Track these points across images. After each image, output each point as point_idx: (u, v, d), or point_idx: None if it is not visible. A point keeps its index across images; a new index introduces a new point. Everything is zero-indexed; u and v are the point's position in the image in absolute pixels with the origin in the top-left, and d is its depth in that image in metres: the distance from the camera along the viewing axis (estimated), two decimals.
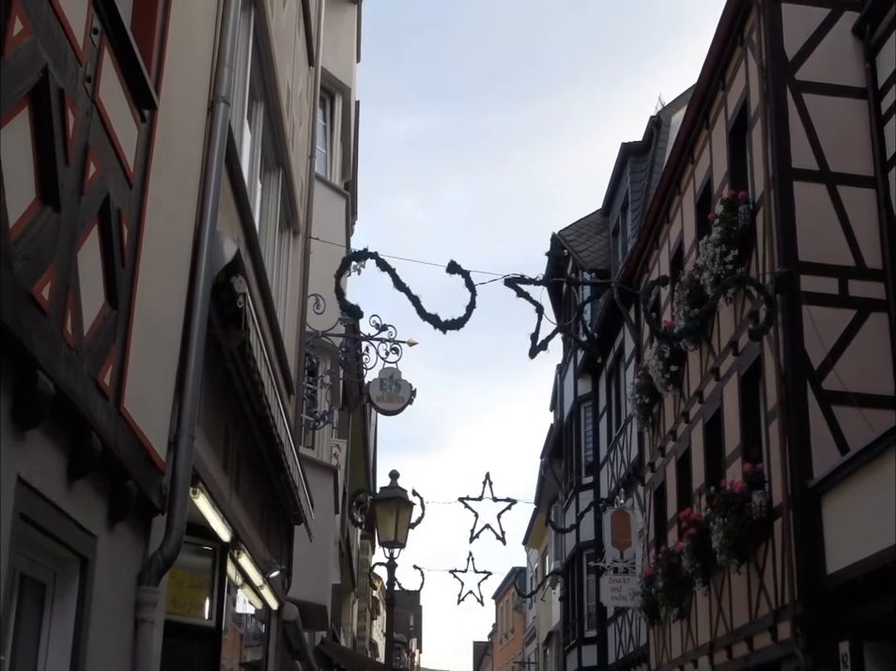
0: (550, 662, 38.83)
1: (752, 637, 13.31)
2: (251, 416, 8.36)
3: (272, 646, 11.88)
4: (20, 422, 3.81)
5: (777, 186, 12.78)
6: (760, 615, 12.98)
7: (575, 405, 27.74)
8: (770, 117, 13.12)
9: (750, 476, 12.90)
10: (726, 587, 14.38)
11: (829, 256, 12.56)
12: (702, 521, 14.37)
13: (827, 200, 12.74)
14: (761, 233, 13.27)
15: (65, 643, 4.66)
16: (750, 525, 12.72)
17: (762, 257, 13.17)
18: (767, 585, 12.70)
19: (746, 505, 12.76)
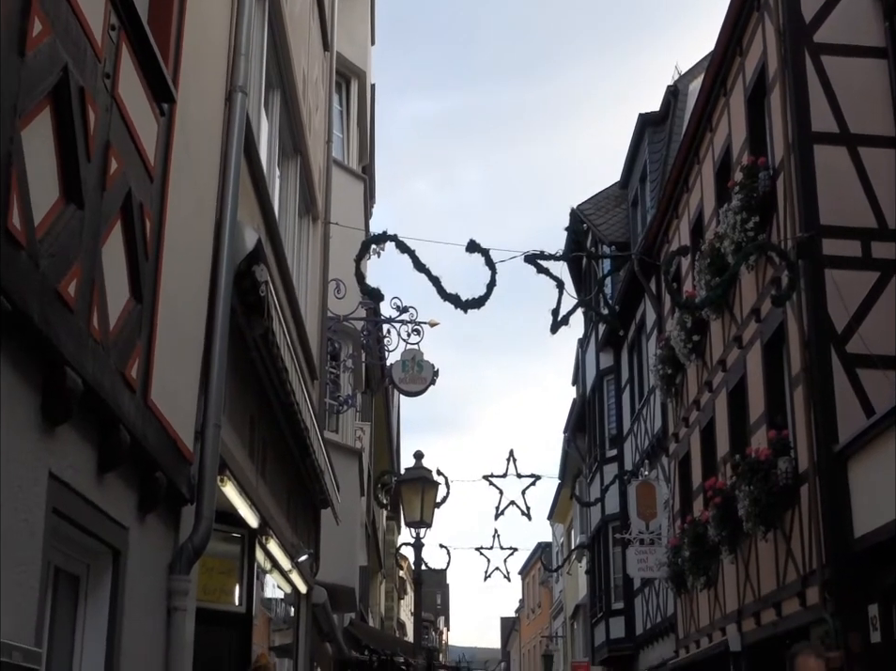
0: (578, 635, 38.99)
1: (781, 603, 13.31)
2: (275, 403, 8.40)
3: (302, 629, 11.96)
4: (49, 418, 3.85)
5: (797, 150, 12.68)
6: (788, 581, 12.98)
7: (597, 379, 27.71)
8: (789, 80, 13.00)
9: (776, 443, 12.87)
10: (753, 555, 14.38)
11: (851, 218, 12.45)
12: (728, 489, 14.37)
13: (848, 162, 12.62)
14: (781, 199, 13.18)
15: (100, 634, 4.71)
16: (776, 492, 12.71)
17: (783, 223, 13.09)
18: (795, 551, 12.69)
19: (772, 471, 12.74)
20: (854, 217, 12.44)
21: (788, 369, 13.02)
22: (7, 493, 3.48)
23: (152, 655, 5.44)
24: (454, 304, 11.62)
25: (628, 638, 25.27)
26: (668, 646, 20.87)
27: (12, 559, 3.53)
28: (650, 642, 23.14)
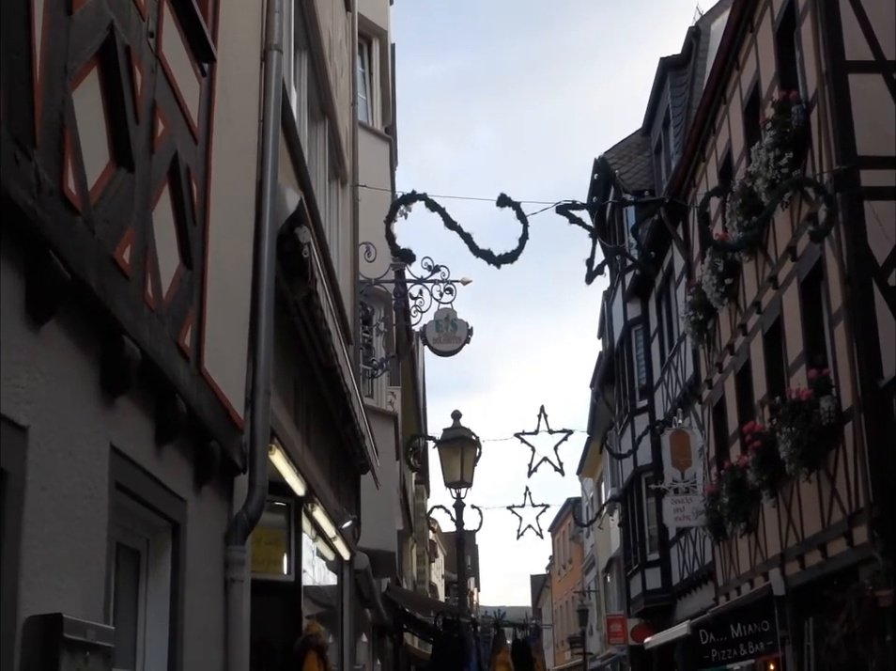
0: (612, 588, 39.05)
1: (826, 545, 13.21)
2: (317, 368, 8.30)
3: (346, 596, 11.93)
4: (109, 389, 3.75)
5: (831, 80, 12.40)
6: (833, 521, 12.87)
7: (625, 330, 27.53)
8: (820, 10, 12.69)
9: (817, 382, 12.71)
10: (795, 497, 14.26)
11: (889, 147, 12.14)
12: (768, 432, 14.23)
13: (884, 90, 12.30)
14: (816, 132, 12.93)
15: (162, 609, 4.64)
16: (819, 432, 12.57)
17: (818, 157, 12.85)
18: (840, 491, 12.57)
19: (814, 411, 12.59)
20: (892, 146, 12.15)
21: (827, 306, 12.84)
22: (72, 469, 3.38)
23: (212, 628, 5.38)
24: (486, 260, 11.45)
25: (665, 589, 25.24)
26: (706, 594, 20.82)
27: (79, 536, 3.44)
28: (687, 591, 23.10)
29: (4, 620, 2.83)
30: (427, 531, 39.44)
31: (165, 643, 4.58)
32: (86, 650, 3.17)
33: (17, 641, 2.91)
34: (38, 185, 2.97)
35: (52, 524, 3.20)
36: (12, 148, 2.82)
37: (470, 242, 11.43)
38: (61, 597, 3.22)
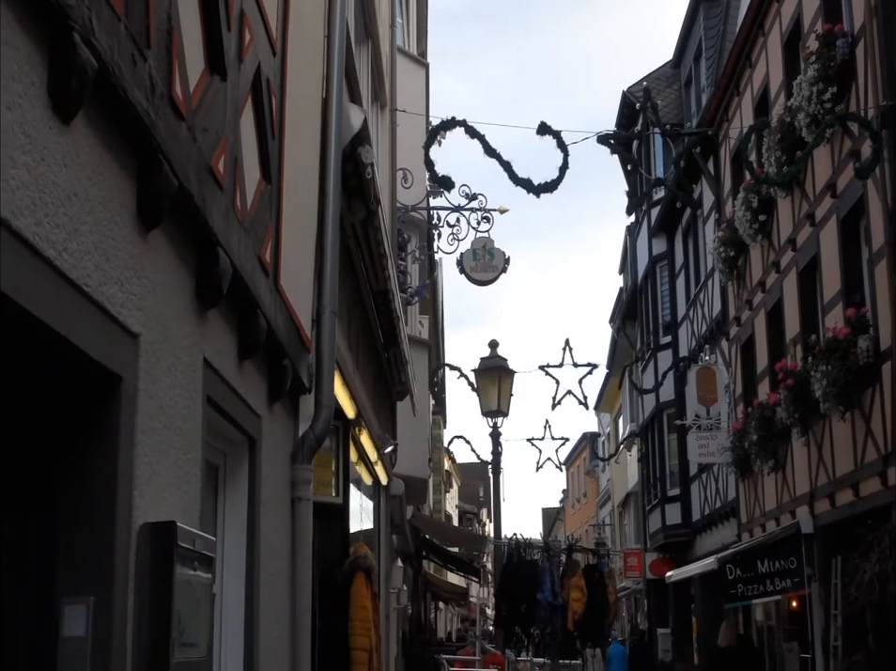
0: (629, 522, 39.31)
1: (858, 484, 13.19)
2: (366, 292, 8.26)
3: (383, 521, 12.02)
4: (203, 302, 3.73)
5: (880, 13, 12.15)
6: (867, 461, 12.84)
7: (650, 265, 27.36)
8: None
9: (854, 321, 12.61)
10: (827, 436, 14.23)
11: None
12: (801, 371, 14.17)
13: None
14: (862, 66, 12.69)
15: (240, 523, 4.66)
16: (856, 371, 12.48)
17: (864, 92, 12.63)
18: (875, 431, 12.52)
19: (850, 350, 12.50)
20: None
21: (868, 244, 12.70)
22: (174, 379, 3.37)
23: (281, 545, 5.41)
24: (526, 189, 11.37)
25: (685, 524, 25.35)
26: (728, 530, 20.90)
27: (180, 447, 3.44)
28: (708, 527, 23.19)
29: (120, 527, 2.83)
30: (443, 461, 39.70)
31: (243, 556, 4.61)
32: (194, 560, 3.18)
33: (132, 548, 2.91)
34: (152, 88, 2.92)
35: (159, 434, 3.19)
36: (130, 47, 2.76)
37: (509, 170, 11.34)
38: (165, 507, 3.22)
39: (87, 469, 2.79)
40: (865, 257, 12.86)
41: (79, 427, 2.82)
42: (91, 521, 2.77)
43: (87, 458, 2.80)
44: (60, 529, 2.76)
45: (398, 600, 16.44)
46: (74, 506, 2.78)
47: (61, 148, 2.44)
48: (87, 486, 2.78)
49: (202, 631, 3.27)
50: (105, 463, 2.81)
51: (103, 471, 2.80)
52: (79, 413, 2.83)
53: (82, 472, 2.79)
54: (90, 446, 2.81)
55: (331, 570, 7.60)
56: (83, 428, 2.82)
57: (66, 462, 2.79)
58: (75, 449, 2.81)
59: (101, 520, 2.78)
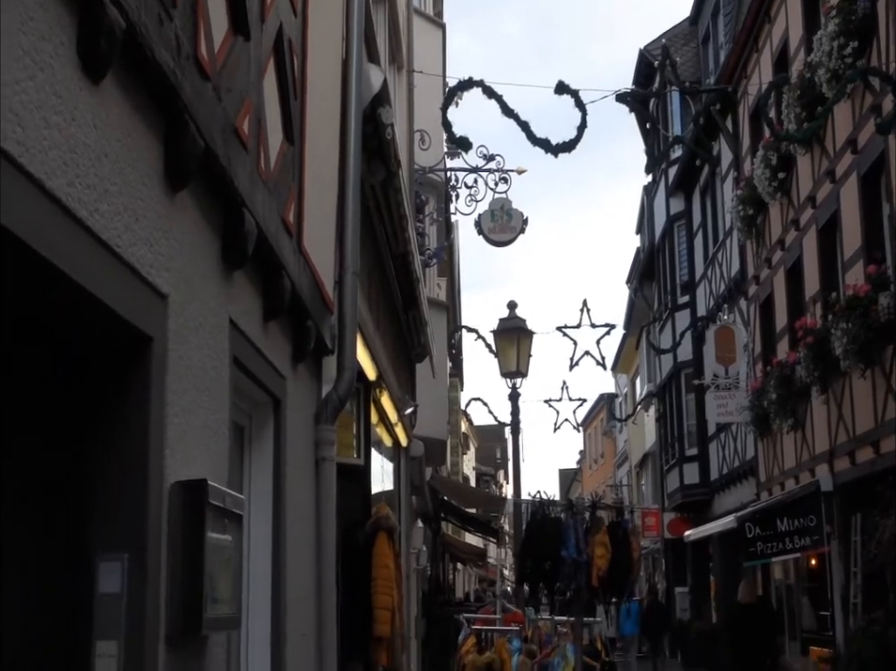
0: (646, 482, 39.39)
1: (879, 441, 13.17)
2: (386, 254, 8.26)
3: (403, 482, 12.07)
4: (228, 263, 3.74)
5: None
6: (887, 418, 12.81)
7: (667, 225, 27.25)
8: None
9: (875, 279, 12.55)
10: (847, 393, 14.20)
11: None
12: (821, 328, 14.13)
13: None
14: (883, 20, 12.53)
15: (266, 482, 4.70)
16: (877, 328, 12.43)
17: (884, 46, 12.49)
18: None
19: (871, 308, 12.45)
20: None
21: (889, 200, 12.61)
22: (202, 340, 3.39)
23: (306, 505, 5.45)
24: (544, 149, 11.32)
25: (703, 484, 25.42)
26: (747, 489, 20.94)
27: (208, 407, 3.46)
28: (726, 487, 23.24)
29: (152, 486, 2.86)
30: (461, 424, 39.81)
31: (269, 516, 4.64)
32: (225, 517, 3.21)
33: (164, 506, 2.94)
34: (178, 48, 2.92)
35: (188, 394, 3.22)
36: (157, 7, 2.76)
37: (527, 130, 11.30)
38: (195, 466, 3.25)
39: (120, 428, 2.82)
40: (886, 213, 12.77)
41: (111, 387, 2.85)
42: (124, 479, 2.80)
43: (120, 417, 2.83)
44: (94, 488, 2.79)
45: (418, 561, 16.56)
46: (108, 465, 2.81)
47: (91, 108, 2.45)
48: (121, 445, 2.81)
49: (232, 589, 3.30)
50: (137, 423, 2.83)
51: (136, 430, 2.83)
52: (111, 374, 2.85)
53: (115, 431, 2.82)
54: (122, 406, 2.83)
55: (353, 531, 7.63)
56: (115, 388, 2.84)
57: (99, 422, 2.82)
58: (108, 409, 2.84)
59: (134, 478, 2.81)
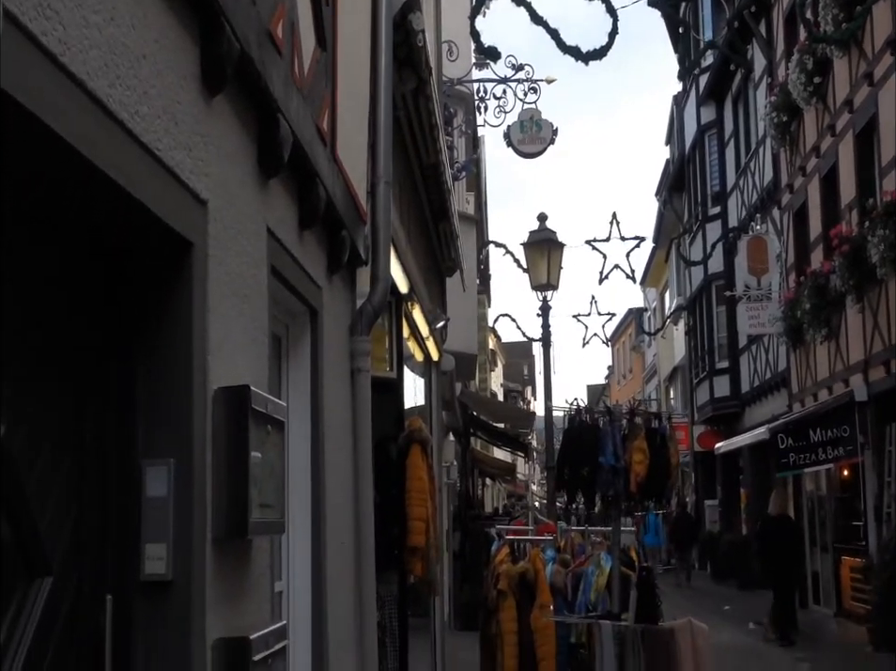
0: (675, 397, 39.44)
1: None
2: (416, 165, 8.19)
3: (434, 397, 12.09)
4: (265, 170, 3.71)
5: None
6: None
7: (698, 135, 26.86)
8: None
9: None
10: (883, 302, 14.08)
11: None
12: (857, 236, 13.98)
13: None
14: None
15: (304, 392, 4.71)
16: None
17: None
18: None
19: None
20: None
21: None
22: (240, 247, 3.37)
23: (342, 415, 5.47)
24: (574, 57, 11.14)
25: (734, 396, 25.43)
26: (778, 401, 20.93)
27: (248, 314, 3.45)
28: (757, 399, 23.24)
29: (196, 391, 2.86)
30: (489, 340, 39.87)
31: (308, 425, 4.67)
32: (268, 423, 3.22)
33: (208, 411, 2.95)
34: None
35: (228, 301, 3.21)
36: None
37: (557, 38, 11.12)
38: (237, 372, 3.25)
39: (164, 334, 2.82)
40: None
41: (155, 294, 2.84)
42: (169, 384, 2.81)
43: (164, 323, 2.83)
44: (139, 393, 2.80)
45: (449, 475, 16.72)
46: (153, 370, 2.81)
47: (128, 8, 2.40)
48: (164, 350, 2.81)
49: (276, 494, 3.33)
50: (181, 328, 2.83)
51: (179, 336, 2.83)
52: (155, 281, 2.85)
53: (158, 337, 2.82)
54: (166, 312, 2.83)
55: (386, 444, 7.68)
56: (158, 294, 2.84)
57: (144, 329, 2.82)
58: (152, 315, 2.83)
59: (179, 383, 2.82)
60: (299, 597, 4.53)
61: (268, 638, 3.04)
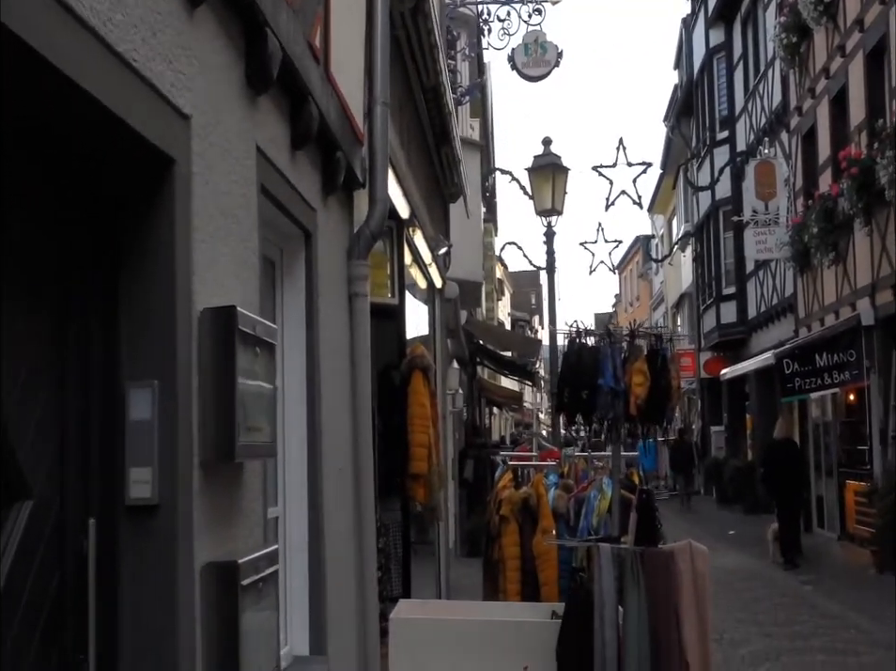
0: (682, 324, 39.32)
1: None
2: (417, 87, 8.03)
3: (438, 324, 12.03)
4: (253, 87, 3.61)
5: None
6: None
7: (706, 58, 26.44)
8: None
9: None
10: (892, 225, 13.91)
11: None
12: (866, 158, 13.78)
13: None
14: None
15: (299, 316, 4.66)
16: None
17: None
18: None
19: None
20: None
21: None
22: (228, 166, 3.28)
23: (340, 340, 5.41)
24: None
25: (740, 322, 25.30)
26: (785, 326, 20.82)
27: (237, 235, 3.37)
28: (764, 324, 23.13)
29: (181, 312, 2.79)
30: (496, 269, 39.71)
31: (303, 349, 4.61)
32: (256, 345, 3.15)
33: (193, 333, 2.89)
34: None
35: (215, 221, 3.13)
36: None
37: None
38: (225, 294, 3.18)
39: (146, 254, 2.75)
40: None
41: (135, 212, 2.76)
42: (153, 305, 2.74)
43: (146, 242, 2.75)
44: (122, 313, 2.73)
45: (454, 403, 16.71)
46: (135, 291, 2.74)
47: None
48: (147, 270, 2.74)
49: (267, 417, 3.27)
50: (163, 248, 2.75)
51: (162, 255, 2.75)
52: (136, 200, 2.76)
53: (141, 257, 2.75)
54: (148, 231, 2.75)
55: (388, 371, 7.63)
56: (139, 212, 2.76)
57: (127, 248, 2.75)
58: (135, 235, 2.75)
59: (162, 304, 2.75)
60: (295, 522, 4.51)
61: (258, 562, 3.00)
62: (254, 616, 2.97)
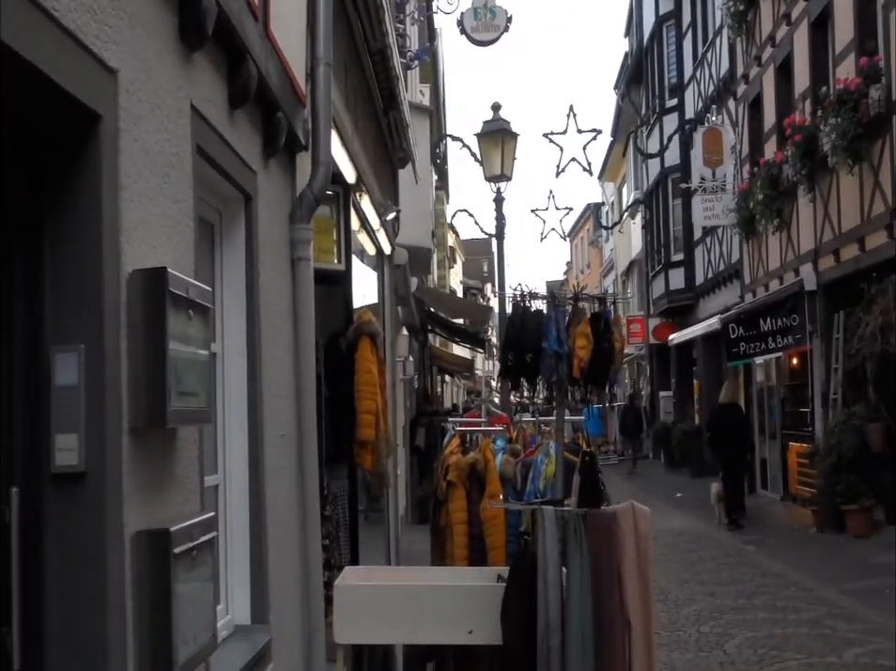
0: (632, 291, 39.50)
1: (864, 238, 13.12)
2: (363, 50, 7.91)
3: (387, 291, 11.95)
4: (187, 43, 3.51)
5: None
6: (874, 214, 12.73)
7: (656, 25, 26.45)
8: None
9: (867, 71, 12.20)
10: (834, 191, 14.05)
11: None
12: (810, 125, 13.86)
13: None
14: None
15: (238, 280, 4.57)
16: (866, 123, 12.19)
17: None
18: (884, 183, 12.35)
19: (861, 101, 12.16)
20: None
21: None
22: (159, 123, 3.19)
23: (282, 305, 5.33)
24: None
25: (688, 288, 25.49)
26: (731, 292, 21.01)
27: (169, 195, 3.28)
28: (711, 290, 23.32)
29: (108, 274, 2.71)
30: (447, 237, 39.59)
31: (243, 314, 4.53)
32: (189, 308, 3.07)
33: (122, 295, 2.80)
34: None
35: (145, 180, 3.03)
36: None
37: None
38: (156, 256, 3.10)
39: (71, 213, 2.65)
40: (880, 2, 12.33)
41: (58, 169, 2.66)
42: (78, 267, 2.65)
43: (70, 200, 2.65)
44: (45, 276, 2.64)
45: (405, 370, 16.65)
46: (59, 251, 2.65)
47: None
48: (72, 230, 2.65)
49: (201, 382, 3.18)
50: (89, 207, 2.66)
51: (88, 215, 2.66)
52: (57, 155, 2.66)
53: (66, 216, 2.66)
54: (72, 189, 2.66)
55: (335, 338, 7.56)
56: (62, 169, 2.66)
57: (48, 205, 2.65)
58: (56, 192, 2.66)
59: (88, 266, 2.66)
60: (236, 490, 4.44)
61: (192, 530, 2.93)
62: (189, 585, 2.90)
